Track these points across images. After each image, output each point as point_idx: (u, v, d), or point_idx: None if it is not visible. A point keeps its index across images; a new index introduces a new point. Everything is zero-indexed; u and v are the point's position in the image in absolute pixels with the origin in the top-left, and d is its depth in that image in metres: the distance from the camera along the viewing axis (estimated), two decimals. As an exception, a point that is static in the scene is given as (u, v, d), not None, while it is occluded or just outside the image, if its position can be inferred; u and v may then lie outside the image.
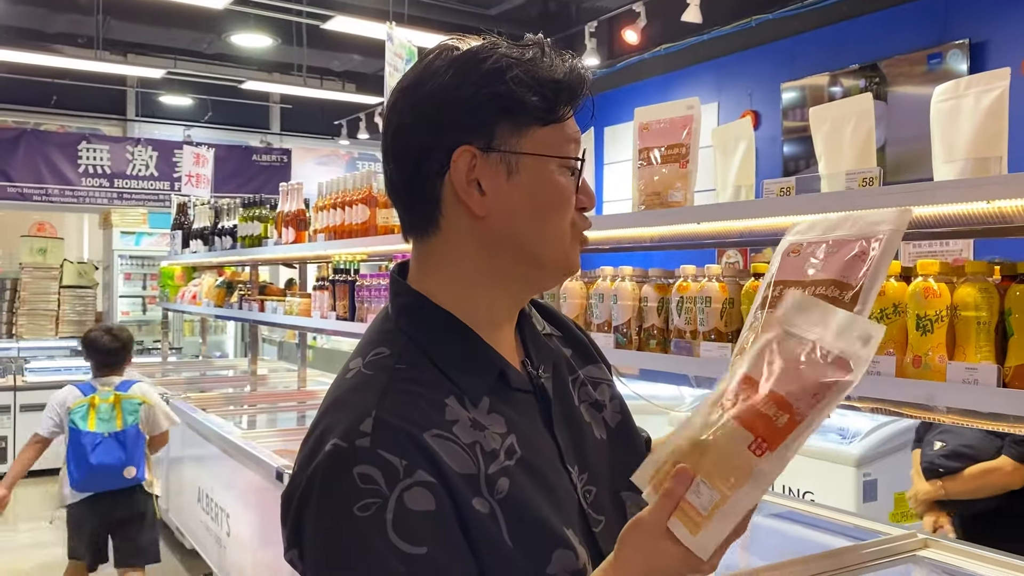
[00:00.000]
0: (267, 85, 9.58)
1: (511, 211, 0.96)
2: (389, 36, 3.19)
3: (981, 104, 1.60)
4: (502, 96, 0.93)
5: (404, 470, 0.85)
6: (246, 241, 4.75)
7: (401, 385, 0.92)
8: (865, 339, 0.82)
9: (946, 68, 5.55)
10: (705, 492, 0.82)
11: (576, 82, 0.98)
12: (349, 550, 0.84)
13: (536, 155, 0.96)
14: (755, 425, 0.81)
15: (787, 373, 0.83)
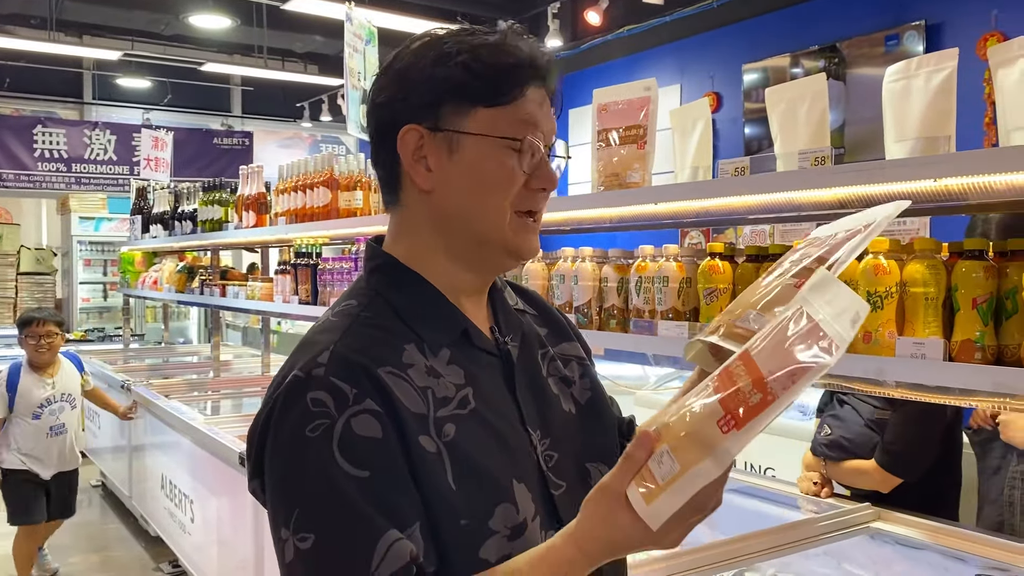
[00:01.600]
0: (227, 67, 9.45)
1: (452, 188, 1.02)
2: (348, 16, 3.16)
3: (931, 84, 1.63)
4: (447, 79, 1.00)
5: (354, 397, 0.91)
6: (207, 225, 4.69)
7: (362, 328, 0.99)
8: (855, 320, 0.82)
9: (903, 49, 5.61)
10: (667, 462, 0.81)
11: (525, 67, 1.01)
12: (299, 467, 0.90)
13: (476, 135, 1.00)
14: (728, 399, 0.80)
15: (775, 349, 0.81)
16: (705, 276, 1.78)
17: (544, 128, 1.03)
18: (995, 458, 2.33)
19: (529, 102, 1.02)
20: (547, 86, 1.05)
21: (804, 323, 0.83)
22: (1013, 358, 1.33)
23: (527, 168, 1.02)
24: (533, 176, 1.02)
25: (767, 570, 1.97)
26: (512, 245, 1.04)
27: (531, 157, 1.02)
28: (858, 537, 2.11)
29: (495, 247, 1.04)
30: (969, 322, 1.36)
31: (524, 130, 1.01)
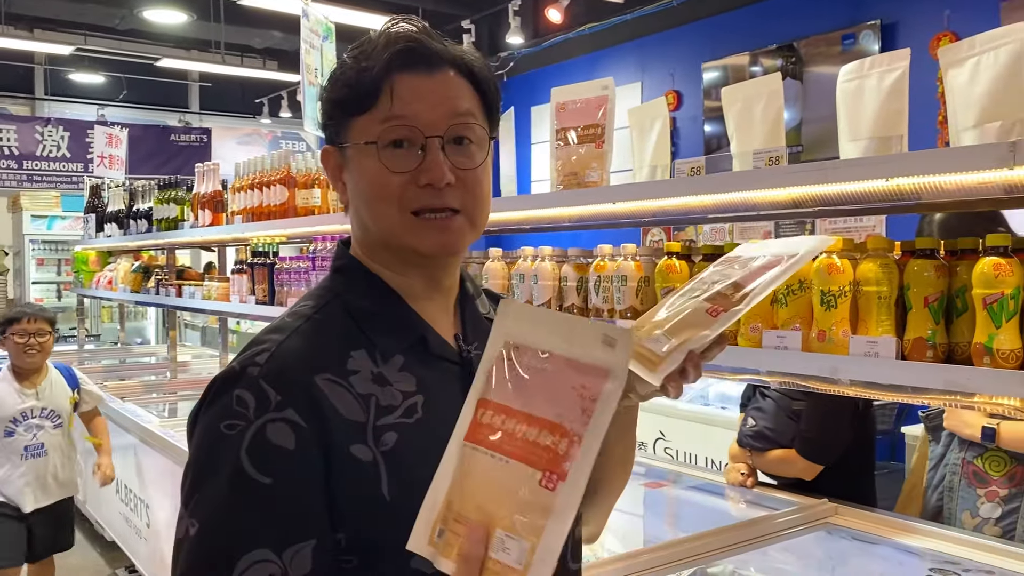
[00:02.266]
0: (184, 63, 9.29)
1: (354, 199, 1.04)
2: (304, 12, 3.12)
3: (883, 84, 1.64)
4: (328, 98, 1.04)
5: (276, 404, 0.91)
6: (162, 224, 4.61)
7: (311, 331, 0.99)
8: (609, 342, 0.80)
9: (859, 48, 5.69)
10: (512, 545, 0.76)
11: (378, 62, 0.98)
12: (207, 458, 0.92)
13: (353, 144, 1.01)
14: (538, 459, 0.77)
15: (542, 393, 0.80)
16: (662, 275, 1.78)
17: (421, 119, 0.98)
18: (942, 445, 2.40)
19: (390, 98, 0.98)
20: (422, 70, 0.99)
21: (544, 357, 0.81)
22: (963, 356, 1.35)
23: (399, 167, 0.98)
24: (418, 172, 0.98)
25: (726, 567, 1.98)
26: (410, 246, 1.01)
27: (413, 153, 0.98)
28: (815, 533, 2.13)
29: (399, 250, 1.02)
30: (921, 320, 1.38)
31: (389, 129, 0.98)
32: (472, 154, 1.02)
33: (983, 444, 2.20)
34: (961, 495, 2.27)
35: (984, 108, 1.45)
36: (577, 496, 0.76)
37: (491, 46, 8.12)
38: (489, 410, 0.82)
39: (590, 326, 0.82)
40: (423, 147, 0.98)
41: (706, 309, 0.99)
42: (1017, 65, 1.42)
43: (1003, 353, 1.27)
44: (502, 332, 0.85)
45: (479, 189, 1.03)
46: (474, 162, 1.02)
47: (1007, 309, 1.28)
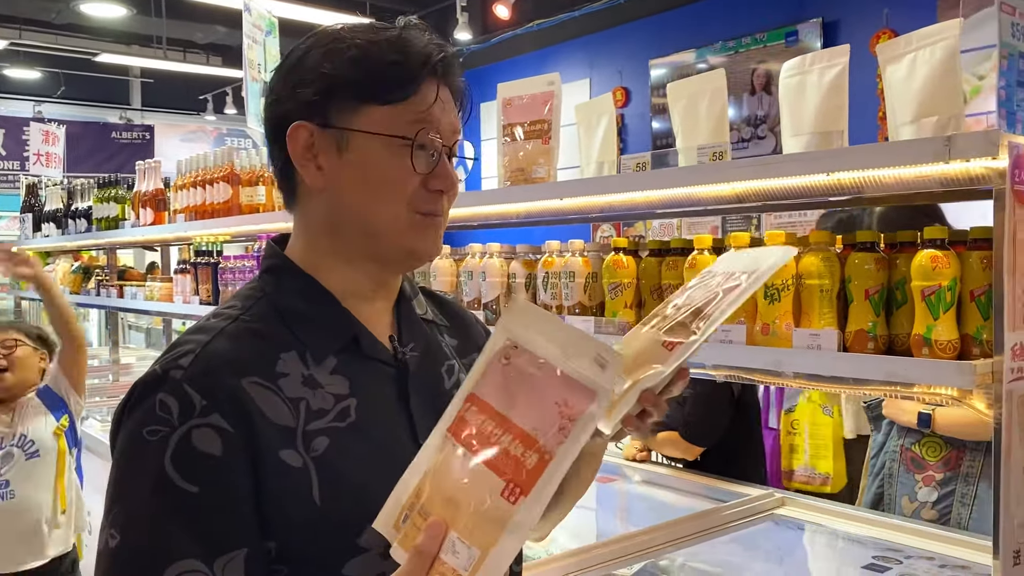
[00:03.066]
0: (124, 58, 9.05)
1: (343, 187, 0.99)
2: (247, 6, 3.05)
3: (824, 80, 1.66)
4: (337, 75, 0.97)
5: (201, 409, 0.88)
6: (102, 223, 4.49)
7: (237, 333, 0.96)
8: (600, 362, 0.79)
9: (802, 45, 5.79)
10: (463, 550, 0.75)
11: (418, 63, 0.98)
12: (129, 466, 0.89)
13: (365, 132, 0.97)
14: (504, 468, 0.76)
15: (526, 400, 0.78)
16: (610, 271, 1.78)
17: (442, 127, 1.00)
18: (882, 434, 2.46)
19: (423, 100, 0.98)
20: (447, 82, 1.02)
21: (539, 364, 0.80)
22: (903, 347, 1.37)
23: (422, 168, 0.98)
24: (431, 176, 0.99)
25: (677, 560, 2.00)
26: (409, 245, 1.00)
27: (428, 157, 0.99)
28: (764, 524, 2.15)
29: (391, 248, 1.01)
30: (862, 313, 1.40)
31: (416, 129, 0.98)
32: (456, 168, 1.06)
33: (920, 430, 2.27)
34: (900, 481, 2.33)
35: (921, 103, 1.48)
36: (536, 513, 0.75)
37: (439, 42, 8.06)
38: (475, 406, 0.80)
39: (587, 342, 0.81)
40: (434, 154, 0.99)
41: (663, 343, 0.98)
42: (952, 61, 1.44)
43: (941, 344, 1.30)
44: (506, 328, 0.83)
45: (454, 200, 1.06)
46: (459, 175, 1.06)
47: (944, 301, 1.30)
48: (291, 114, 0.99)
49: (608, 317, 1.80)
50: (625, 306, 1.78)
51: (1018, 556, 1.21)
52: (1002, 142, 1.16)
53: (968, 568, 1.75)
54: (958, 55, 1.44)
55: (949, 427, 2.23)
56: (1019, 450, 1.21)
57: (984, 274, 1.29)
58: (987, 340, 1.28)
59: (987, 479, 2.17)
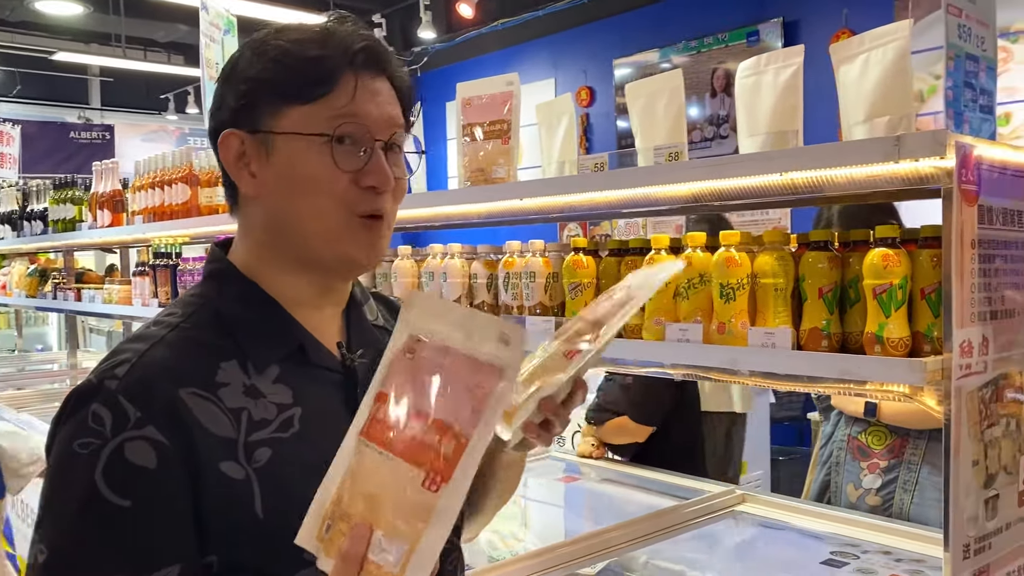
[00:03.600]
0: (81, 56, 8.88)
1: (274, 193, 0.97)
2: (204, 5, 3.01)
3: (779, 80, 1.68)
4: (259, 78, 0.96)
5: (135, 421, 0.85)
6: (58, 225, 4.40)
7: (176, 341, 0.93)
8: (504, 339, 0.79)
9: (763, 45, 5.85)
10: (390, 547, 0.74)
11: (336, 57, 0.95)
12: (59, 480, 0.86)
13: (288, 134, 0.95)
14: (422, 458, 0.76)
15: (436, 390, 0.78)
16: (570, 271, 1.79)
17: (372, 120, 0.96)
18: (831, 424, 2.54)
19: (343, 94, 0.95)
20: (378, 74, 0.98)
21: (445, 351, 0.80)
22: (856, 345, 1.39)
23: (348, 165, 0.95)
24: (361, 173, 0.96)
25: (639, 558, 2.00)
26: (343, 251, 0.97)
27: (356, 153, 0.95)
28: (724, 521, 2.17)
29: (326, 254, 0.98)
30: (816, 311, 1.41)
31: (343, 125, 0.95)
32: (401, 163, 1.01)
33: (866, 419, 2.35)
34: (847, 469, 2.40)
35: (873, 103, 1.50)
36: (460, 498, 0.74)
37: (404, 41, 8.03)
38: (384, 404, 0.79)
39: (489, 321, 0.80)
40: (365, 149, 0.95)
41: (564, 352, 0.99)
42: (903, 62, 1.46)
43: (892, 341, 1.31)
44: (407, 324, 0.82)
45: (402, 197, 1.02)
46: (404, 170, 1.02)
47: (896, 299, 1.32)
48: (224, 122, 0.99)
49: (569, 317, 1.80)
50: (586, 306, 1.78)
51: (968, 549, 1.23)
52: (949, 142, 1.18)
53: (923, 561, 1.78)
54: (908, 56, 1.46)
55: (894, 416, 2.30)
56: (968, 445, 1.23)
57: (934, 272, 1.31)
58: (937, 337, 1.30)
59: (929, 465, 2.25)
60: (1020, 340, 1.36)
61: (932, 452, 2.29)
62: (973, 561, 1.25)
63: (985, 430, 1.27)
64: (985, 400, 1.28)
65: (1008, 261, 1.33)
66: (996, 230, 1.29)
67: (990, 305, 1.28)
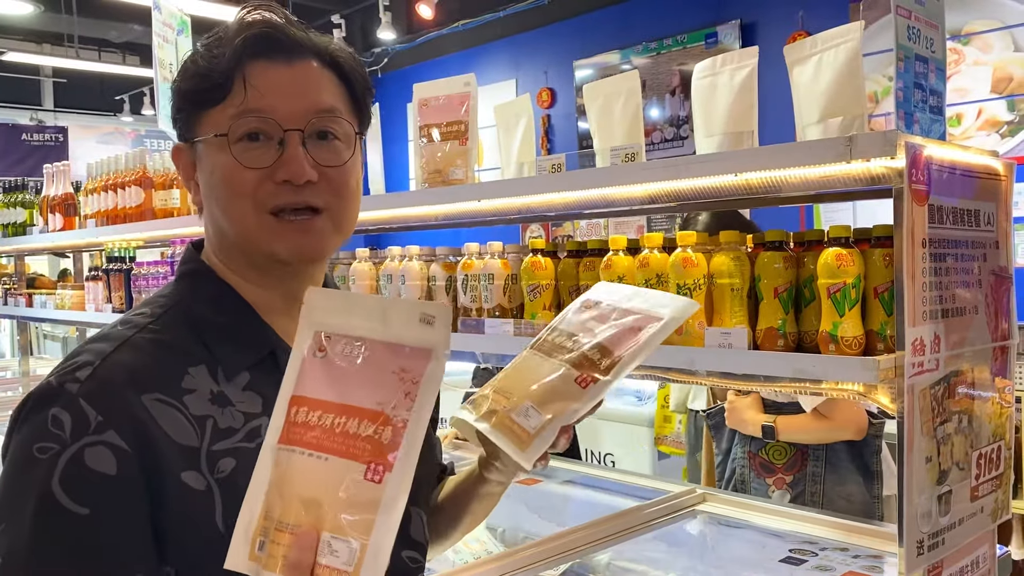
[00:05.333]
0: (32, 57, 8.69)
1: (206, 196, 0.96)
2: (156, 4, 2.96)
3: (734, 81, 1.69)
4: (179, 90, 0.96)
5: (96, 426, 0.82)
6: (8, 229, 4.31)
7: (142, 344, 0.90)
8: (427, 320, 0.78)
9: (721, 46, 5.90)
10: (340, 547, 0.72)
11: (229, 50, 0.92)
12: (16, 483, 0.83)
13: (201, 140, 0.95)
14: (360, 451, 0.74)
15: (360, 381, 0.77)
16: (528, 273, 1.78)
17: (276, 111, 0.91)
18: (726, 440, 2.59)
19: (240, 90, 0.91)
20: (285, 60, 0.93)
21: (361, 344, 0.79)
22: (811, 344, 1.40)
23: (253, 162, 0.91)
24: (275, 167, 0.92)
25: (602, 559, 2.00)
26: (266, 249, 0.94)
27: (267, 148, 0.92)
28: (685, 520, 2.17)
29: (254, 253, 0.96)
30: (772, 311, 1.42)
31: (241, 121, 0.91)
32: (338, 150, 0.96)
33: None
34: (753, 486, 2.48)
35: (826, 104, 1.51)
36: (406, 484, 0.73)
37: (363, 42, 7.98)
38: (304, 407, 0.77)
39: (407, 305, 0.79)
40: (281, 141, 0.91)
41: (575, 378, 0.97)
42: (855, 63, 1.48)
43: (847, 340, 1.33)
44: (311, 323, 0.80)
45: (345, 189, 0.97)
46: (340, 159, 0.95)
47: (849, 298, 1.33)
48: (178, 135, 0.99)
49: (527, 319, 1.79)
50: (544, 308, 1.77)
51: (922, 545, 1.25)
52: (899, 142, 1.19)
53: (880, 558, 1.80)
54: (860, 57, 1.47)
55: (791, 434, 2.39)
56: (921, 442, 1.24)
57: (887, 271, 1.33)
58: (891, 336, 1.31)
59: (833, 475, 2.37)
60: (971, 338, 1.38)
61: (831, 463, 2.39)
62: (927, 557, 1.26)
63: (938, 427, 1.29)
64: (938, 397, 1.29)
65: (959, 260, 1.35)
66: (947, 229, 1.31)
67: (942, 303, 1.30)
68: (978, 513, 1.40)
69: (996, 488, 1.44)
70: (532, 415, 0.94)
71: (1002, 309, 1.46)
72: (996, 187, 1.44)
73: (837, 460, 2.38)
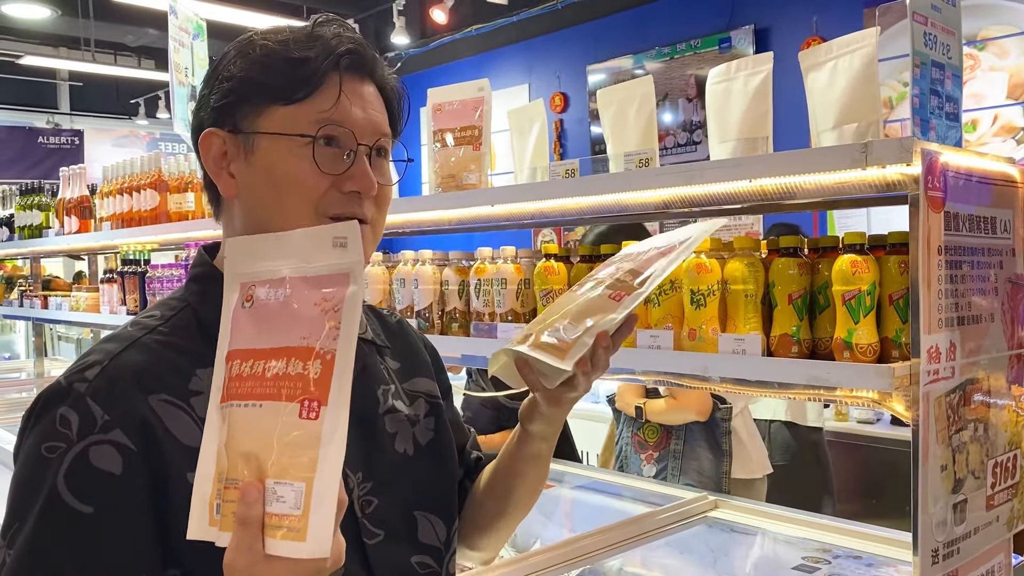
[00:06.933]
0: (50, 61, 8.76)
1: (253, 193, 0.96)
2: (172, 9, 2.98)
3: (749, 87, 1.68)
4: (242, 79, 0.95)
5: (102, 424, 0.83)
6: (25, 232, 4.34)
7: (151, 345, 0.91)
8: (340, 242, 0.77)
9: (735, 52, 5.88)
10: (285, 491, 0.70)
11: (320, 58, 0.94)
12: (27, 482, 0.84)
13: (270, 134, 0.94)
14: (292, 391, 0.72)
15: (285, 321, 0.75)
16: (541, 277, 1.78)
17: (358, 124, 0.95)
18: (621, 423, 2.98)
19: (328, 96, 0.94)
20: (364, 79, 0.97)
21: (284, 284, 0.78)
22: (825, 350, 1.39)
23: (329, 168, 0.93)
24: (344, 178, 0.94)
25: (613, 565, 2.00)
26: None
27: (339, 156, 0.94)
28: (697, 527, 2.17)
29: None
30: (786, 317, 1.41)
31: (319, 126, 0.93)
32: (387, 170, 1.01)
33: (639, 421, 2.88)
34: (632, 461, 2.93)
35: (841, 110, 1.51)
36: (344, 415, 0.71)
37: (377, 46, 7.98)
38: (237, 360, 0.76)
39: (320, 235, 0.78)
40: (350, 153, 0.94)
41: (608, 295, 1.00)
42: (870, 69, 1.48)
43: (861, 347, 1.32)
44: (234, 275, 0.80)
45: (387, 205, 1.01)
46: (389, 179, 1.01)
47: (864, 305, 1.32)
48: (205, 122, 0.98)
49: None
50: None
51: (936, 554, 1.24)
52: (915, 149, 1.18)
53: (893, 566, 1.78)
54: (875, 63, 1.47)
55: (656, 415, 2.84)
56: (936, 450, 1.23)
57: (902, 278, 1.32)
58: (906, 343, 1.30)
59: (689, 452, 2.80)
60: (987, 345, 1.37)
61: (688, 441, 2.83)
62: (942, 566, 1.25)
63: (953, 435, 1.28)
64: (953, 405, 1.28)
65: (975, 267, 1.34)
66: (963, 236, 1.30)
67: (957, 311, 1.29)
68: (994, 522, 1.39)
69: (1012, 497, 1.43)
70: (568, 329, 0.95)
71: (1018, 317, 1.45)
72: (1012, 194, 1.43)
73: (692, 439, 2.83)
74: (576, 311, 0.99)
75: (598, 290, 1.02)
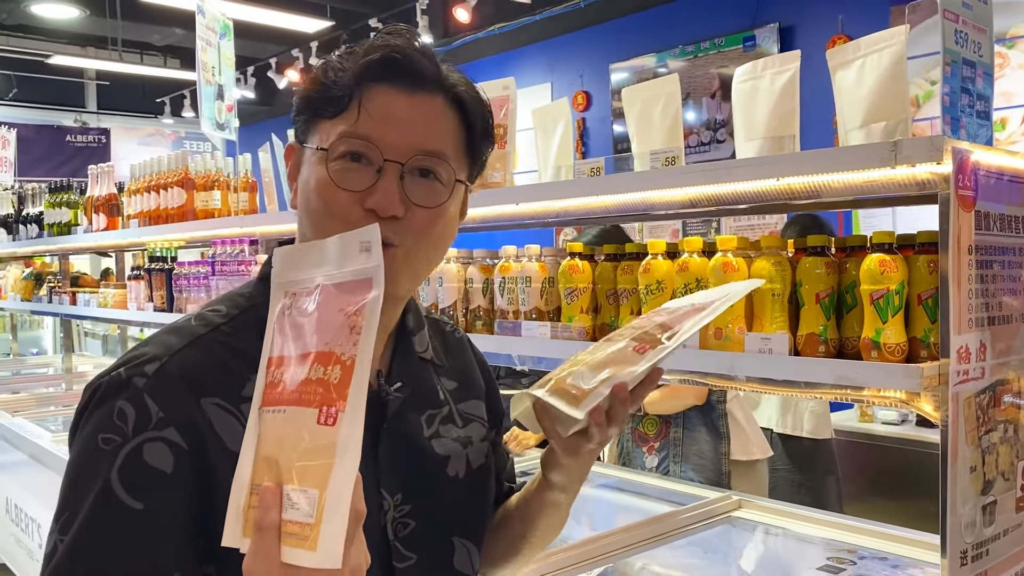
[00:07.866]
0: (77, 60, 8.87)
1: (300, 203, 0.97)
2: (200, 9, 3.01)
3: (775, 85, 1.67)
4: (301, 94, 0.97)
5: (157, 421, 0.84)
6: (54, 229, 4.40)
7: (211, 344, 0.91)
8: (365, 247, 0.76)
9: (759, 50, 5.85)
10: (300, 499, 0.69)
11: (354, 72, 0.93)
12: (81, 473, 0.85)
13: (308, 148, 0.96)
14: (311, 396, 0.72)
15: (313, 327, 0.76)
16: (565, 276, 1.78)
17: (382, 139, 0.90)
18: None
19: (359, 112, 0.91)
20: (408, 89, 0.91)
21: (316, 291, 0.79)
22: (853, 350, 1.38)
23: (348, 184, 0.90)
24: (366, 194, 0.90)
25: (636, 564, 2.00)
26: None
27: (364, 172, 0.90)
28: (721, 527, 2.16)
29: None
30: (813, 316, 1.41)
31: (338, 141, 0.91)
32: (435, 192, 0.92)
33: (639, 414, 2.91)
34: (634, 455, 2.99)
35: (869, 109, 1.50)
36: (359, 422, 0.71)
37: (401, 45, 8.01)
38: (273, 366, 0.76)
39: (350, 241, 0.78)
40: (380, 169, 0.90)
41: (633, 348, 0.98)
42: (899, 67, 1.46)
43: (889, 347, 1.31)
44: (280, 284, 0.81)
45: (429, 231, 0.92)
46: (434, 200, 0.92)
47: (892, 304, 1.31)
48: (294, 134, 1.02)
49: (564, 322, 1.79)
50: (581, 311, 1.77)
51: (965, 556, 1.23)
52: (946, 147, 1.17)
53: (920, 568, 1.77)
54: (904, 61, 1.46)
55: (654, 407, 2.88)
56: (965, 451, 1.22)
57: (931, 278, 1.31)
58: (934, 343, 1.29)
59: (689, 437, 2.85)
60: (1018, 346, 1.36)
61: (687, 428, 2.88)
62: (971, 568, 1.24)
63: (983, 436, 1.27)
64: (983, 406, 1.27)
65: (1005, 267, 1.32)
66: (993, 236, 1.29)
67: (988, 311, 1.28)
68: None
69: (1042, 499, 1.41)
70: (586, 377, 0.95)
71: (1049, 317, 1.43)
72: (1044, 193, 1.41)
73: (691, 424, 2.88)
74: (598, 361, 0.98)
75: (623, 341, 1.01)
